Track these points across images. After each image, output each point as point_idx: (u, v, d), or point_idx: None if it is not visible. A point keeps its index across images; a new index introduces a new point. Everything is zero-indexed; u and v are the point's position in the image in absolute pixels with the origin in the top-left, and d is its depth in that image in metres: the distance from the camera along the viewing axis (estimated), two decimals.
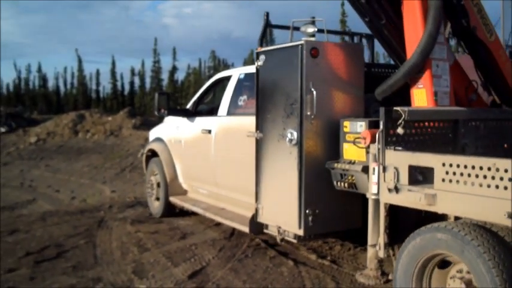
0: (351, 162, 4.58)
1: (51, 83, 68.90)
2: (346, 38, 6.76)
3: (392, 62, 5.84)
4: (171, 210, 7.64)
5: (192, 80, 56.36)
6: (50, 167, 19.92)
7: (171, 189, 7.51)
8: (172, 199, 7.46)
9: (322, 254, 5.77)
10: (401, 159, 3.89)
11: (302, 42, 4.78)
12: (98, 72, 66.25)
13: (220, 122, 6.52)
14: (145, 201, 8.52)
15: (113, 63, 61.87)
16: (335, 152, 4.77)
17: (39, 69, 66.14)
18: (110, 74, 62.13)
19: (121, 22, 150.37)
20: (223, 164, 6.46)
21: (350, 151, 4.63)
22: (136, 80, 63.04)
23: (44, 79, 65.86)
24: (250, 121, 5.73)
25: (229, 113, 6.45)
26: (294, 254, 5.80)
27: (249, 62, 58.51)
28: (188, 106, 7.51)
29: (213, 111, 7.18)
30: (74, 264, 5.48)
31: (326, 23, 5.04)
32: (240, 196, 6.17)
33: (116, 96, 61.42)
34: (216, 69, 64.44)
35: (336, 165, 4.67)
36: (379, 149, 4.06)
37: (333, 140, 4.81)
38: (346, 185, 4.61)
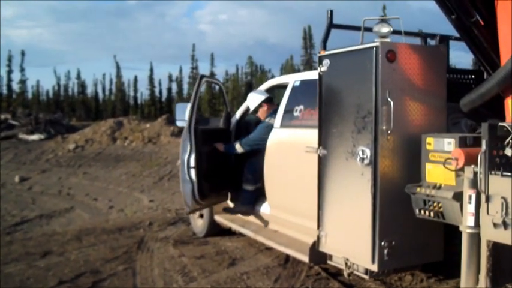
0: (436, 187, 3.86)
1: (89, 90, 69.60)
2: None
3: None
4: (215, 229, 6.99)
5: (230, 86, 55.94)
6: (87, 174, 19.63)
7: (217, 207, 6.86)
8: (218, 218, 6.81)
9: (392, 287, 5.02)
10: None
11: (377, 43, 4.08)
12: (135, 79, 66.32)
13: (273, 135, 5.86)
14: (187, 217, 7.89)
15: (151, 70, 61.98)
16: (415, 174, 4.05)
17: (78, 76, 66.63)
18: (147, 80, 62.29)
19: (158, 29, 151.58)
20: (275, 182, 5.80)
21: (434, 173, 3.92)
22: (174, 86, 62.98)
23: (82, 86, 66.32)
24: (308, 134, 5.10)
25: (283, 125, 5.78)
26: (360, 285, 5.06)
27: (287, 67, 57.98)
28: (237, 116, 6.85)
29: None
30: None
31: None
32: (295, 219, 5.50)
33: (153, 103, 61.41)
34: (253, 75, 64.03)
35: (418, 189, 3.94)
36: (479, 174, 3.34)
37: (413, 159, 4.09)
38: (431, 213, 3.87)
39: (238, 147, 6.27)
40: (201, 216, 7.17)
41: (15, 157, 23.98)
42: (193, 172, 5.96)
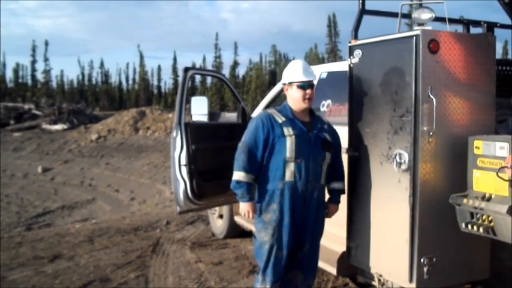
0: (485, 198, 3.34)
1: (113, 79, 69.96)
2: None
3: None
4: (236, 231, 6.57)
5: (254, 75, 55.42)
6: (110, 165, 19.42)
7: (237, 207, 6.42)
8: (238, 219, 6.36)
9: None
10: None
11: (418, 32, 3.56)
12: (159, 68, 66.61)
13: None
14: (206, 216, 7.48)
15: (174, 59, 62.01)
16: (460, 181, 3.55)
17: (102, 65, 67.03)
18: (171, 69, 62.24)
19: (180, 17, 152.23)
20: None
21: (483, 181, 3.40)
22: (198, 76, 62.91)
23: (106, 75, 66.73)
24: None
25: None
26: None
27: (311, 56, 57.21)
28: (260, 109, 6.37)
29: None
30: None
31: None
32: None
33: (177, 92, 61.40)
34: (277, 64, 63.38)
35: (464, 201, 3.43)
36: None
37: (457, 165, 3.58)
38: (479, 228, 3.35)
39: None
40: (221, 216, 6.75)
41: (38, 147, 23.95)
42: (184, 170, 5.51)
